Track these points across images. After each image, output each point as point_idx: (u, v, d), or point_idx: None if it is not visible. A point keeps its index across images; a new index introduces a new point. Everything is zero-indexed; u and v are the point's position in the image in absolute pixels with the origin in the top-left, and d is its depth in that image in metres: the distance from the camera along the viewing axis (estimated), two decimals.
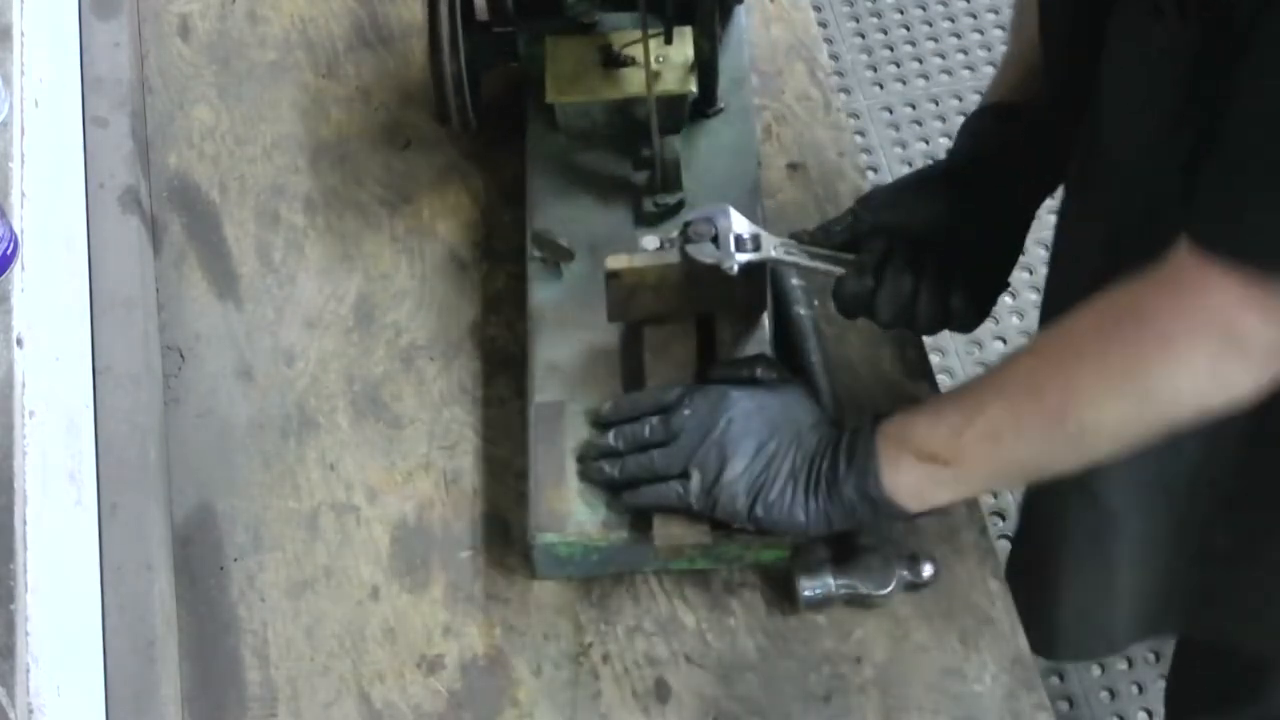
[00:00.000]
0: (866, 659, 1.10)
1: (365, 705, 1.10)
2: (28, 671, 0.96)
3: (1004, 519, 2.08)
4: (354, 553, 1.17)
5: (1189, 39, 0.86)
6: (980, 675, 1.09)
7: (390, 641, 1.12)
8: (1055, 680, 2.03)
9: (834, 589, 1.09)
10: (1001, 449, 0.96)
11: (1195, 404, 0.90)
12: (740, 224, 1.10)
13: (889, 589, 1.09)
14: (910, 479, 0.99)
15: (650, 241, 1.15)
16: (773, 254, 1.10)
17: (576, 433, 1.14)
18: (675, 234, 1.12)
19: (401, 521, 1.18)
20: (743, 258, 1.09)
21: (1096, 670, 2.04)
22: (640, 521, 1.09)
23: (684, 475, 1.05)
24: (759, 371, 1.10)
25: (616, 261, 1.13)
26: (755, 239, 1.10)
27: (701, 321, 1.17)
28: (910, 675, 1.09)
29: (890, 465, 1.00)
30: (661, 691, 1.09)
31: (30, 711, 0.95)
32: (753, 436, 1.04)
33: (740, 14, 1.38)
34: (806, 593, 1.09)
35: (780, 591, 1.12)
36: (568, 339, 1.20)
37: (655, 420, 1.09)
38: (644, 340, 1.17)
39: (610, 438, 1.10)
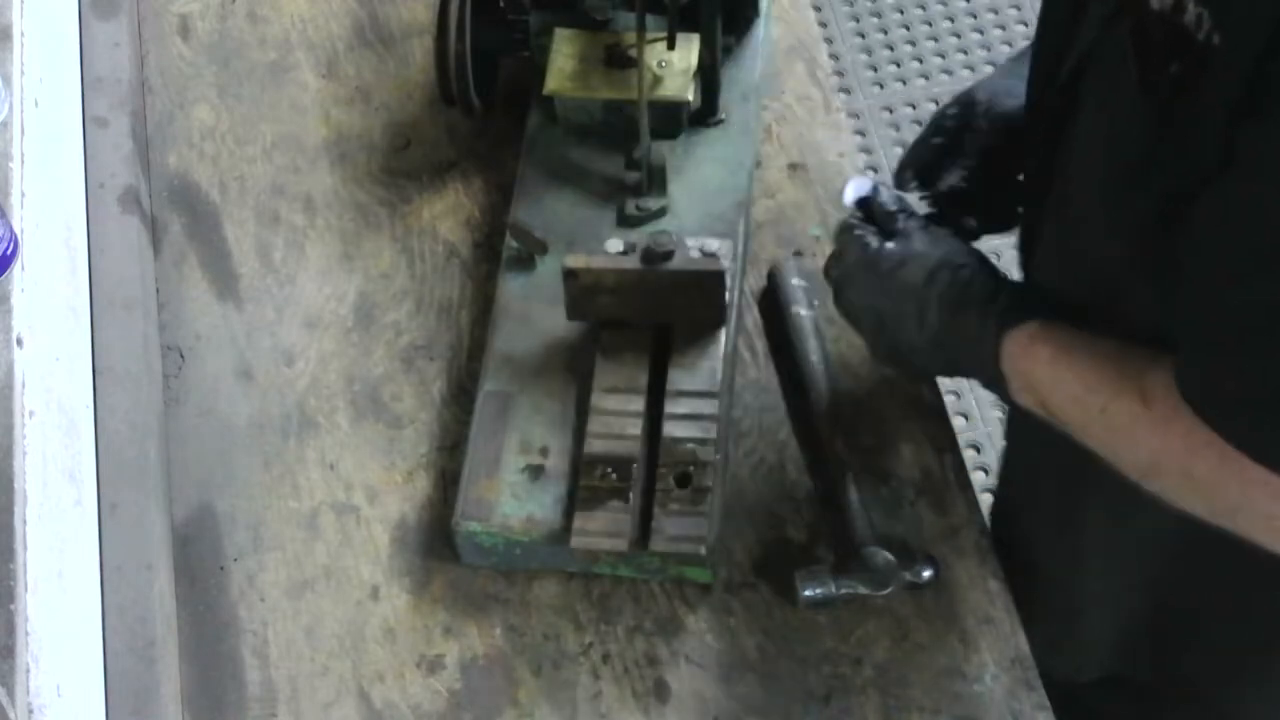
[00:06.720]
0: (866, 659, 1.10)
1: (365, 705, 1.10)
2: (28, 671, 0.96)
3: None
4: (354, 553, 1.17)
5: (1150, 106, 0.83)
6: (980, 675, 1.09)
7: (390, 641, 1.12)
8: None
9: (834, 589, 1.09)
10: (1073, 401, 0.96)
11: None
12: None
13: (889, 589, 1.09)
14: (1020, 363, 0.99)
15: (614, 244, 1.17)
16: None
17: (519, 425, 1.15)
18: (635, 240, 1.13)
19: (401, 521, 1.18)
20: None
21: None
22: (563, 522, 1.10)
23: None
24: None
25: (576, 260, 1.14)
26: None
27: (659, 329, 1.17)
28: (910, 675, 1.09)
29: (1014, 342, 0.99)
30: (661, 691, 1.09)
31: (30, 711, 0.95)
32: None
33: (759, 28, 1.37)
34: (806, 593, 1.09)
35: (780, 591, 1.12)
36: (528, 332, 1.20)
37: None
38: (598, 342, 1.17)
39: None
